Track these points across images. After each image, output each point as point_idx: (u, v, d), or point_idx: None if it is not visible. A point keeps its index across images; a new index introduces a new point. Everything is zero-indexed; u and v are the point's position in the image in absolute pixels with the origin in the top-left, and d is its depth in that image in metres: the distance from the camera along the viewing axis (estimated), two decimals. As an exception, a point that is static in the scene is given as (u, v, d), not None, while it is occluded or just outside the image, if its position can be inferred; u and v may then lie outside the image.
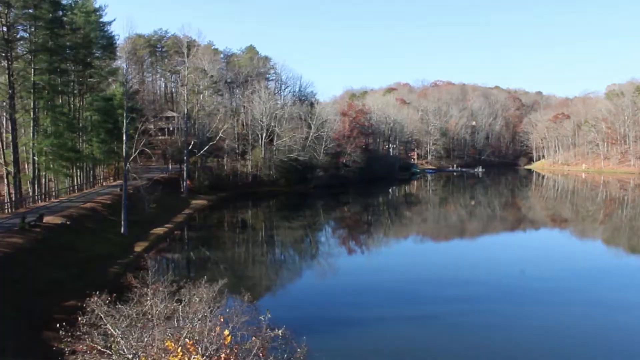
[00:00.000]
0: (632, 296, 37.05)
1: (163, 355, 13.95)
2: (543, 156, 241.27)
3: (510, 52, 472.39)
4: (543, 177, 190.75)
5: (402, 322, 30.80)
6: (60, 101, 65.71)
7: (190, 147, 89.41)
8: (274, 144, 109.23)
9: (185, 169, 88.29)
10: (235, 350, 14.76)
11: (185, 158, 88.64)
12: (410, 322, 30.85)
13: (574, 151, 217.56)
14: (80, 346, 15.29)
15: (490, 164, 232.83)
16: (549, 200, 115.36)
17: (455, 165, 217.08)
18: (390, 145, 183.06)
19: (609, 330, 29.39)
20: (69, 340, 15.50)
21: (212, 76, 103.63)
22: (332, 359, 19.37)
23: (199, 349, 14.14)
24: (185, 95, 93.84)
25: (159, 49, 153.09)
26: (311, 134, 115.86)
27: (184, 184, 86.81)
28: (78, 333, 15.55)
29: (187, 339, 14.24)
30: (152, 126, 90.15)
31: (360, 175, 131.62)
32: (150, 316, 16.33)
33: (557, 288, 39.28)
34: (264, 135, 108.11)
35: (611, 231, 73.35)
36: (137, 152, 54.37)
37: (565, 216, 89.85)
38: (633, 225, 77.09)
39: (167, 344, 14.07)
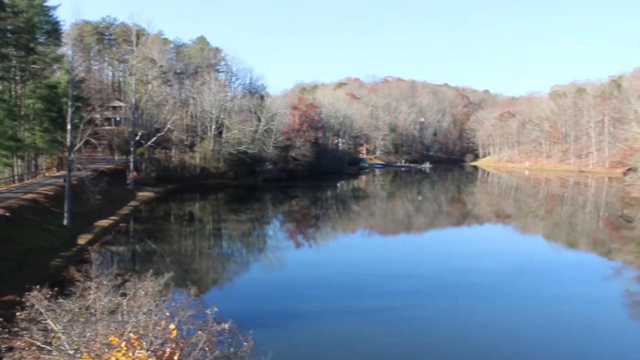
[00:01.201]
0: (570, 289, 38.33)
1: (106, 350, 13.74)
2: (489, 153, 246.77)
3: (459, 51, 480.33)
4: (488, 173, 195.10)
5: (349, 315, 31.06)
6: (1, 87, 63.49)
7: (137, 138, 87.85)
8: (223, 136, 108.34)
9: (132, 160, 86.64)
10: (181, 345, 14.67)
11: (132, 149, 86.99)
12: (357, 315, 31.14)
13: (518, 149, 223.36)
14: (18, 342, 14.85)
15: (437, 160, 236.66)
16: (493, 197, 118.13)
17: (403, 161, 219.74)
18: (340, 139, 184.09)
19: (547, 321, 30.27)
20: (5, 336, 15.02)
21: (161, 66, 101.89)
22: (279, 353, 19.33)
23: (144, 343, 13.98)
24: (134, 85, 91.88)
25: (106, 37, 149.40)
26: (261, 127, 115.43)
27: (131, 176, 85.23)
28: (16, 329, 15.04)
29: (131, 334, 14.05)
30: (98, 116, 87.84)
31: (309, 169, 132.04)
32: (93, 310, 16.00)
33: (499, 282, 40.29)
34: (213, 127, 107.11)
35: (551, 227, 75.68)
36: (82, 142, 53.07)
37: (509, 212, 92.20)
38: (572, 222, 79.80)
39: (110, 338, 13.87)
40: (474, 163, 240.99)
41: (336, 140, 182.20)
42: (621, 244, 62.11)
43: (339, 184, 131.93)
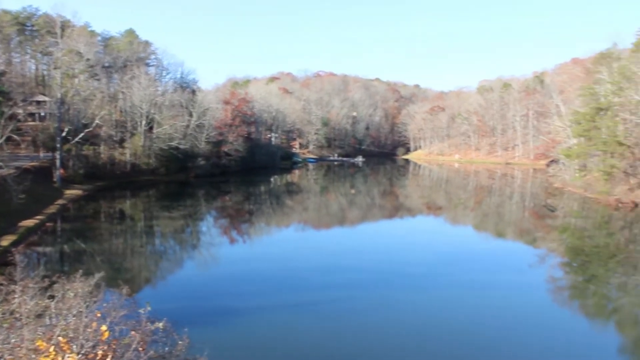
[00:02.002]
0: (499, 277, 39.88)
1: (33, 356, 13.36)
2: (420, 147, 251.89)
3: (390, 46, 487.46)
4: (419, 166, 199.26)
5: (285, 309, 31.23)
6: None
7: (64, 134, 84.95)
8: (154, 131, 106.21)
9: (58, 157, 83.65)
10: (114, 346, 14.42)
11: (58, 145, 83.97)
12: (293, 309, 31.36)
13: (448, 142, 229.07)
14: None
15: (370, 153, 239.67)
16: (424, 189, 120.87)
17: (336, 155, 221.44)
18: (273, 134, 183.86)
19: (478, 308, 31.38)
20: None
21: (88, 59, 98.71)
22: (215, 350, 19.32)
23: (74, 347, 13.67)
24: (59, 78, 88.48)
25: (28, 28, 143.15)
26: (193, 122, 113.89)
27: (57, 173, 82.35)
28: None
29: (60, 337, 13.70)
30: (21, 111, 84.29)
31: (242, 164, 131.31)
32: (18, 315, 15.48)
33: (431, 272, 41.45)
34: (144, 122, 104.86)
35: (480, 217, 78.31)
36: (4, 138, 51.15)
37: (440, 204, 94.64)
38: (499, 212, 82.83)
39: (38, 343, 13.50)
40: (406, 156, 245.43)
41: (269, 135, 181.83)
42: (545, 233, 64.96)
43: (272, 179, 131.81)
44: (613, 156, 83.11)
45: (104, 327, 14.23)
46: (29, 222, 54.32)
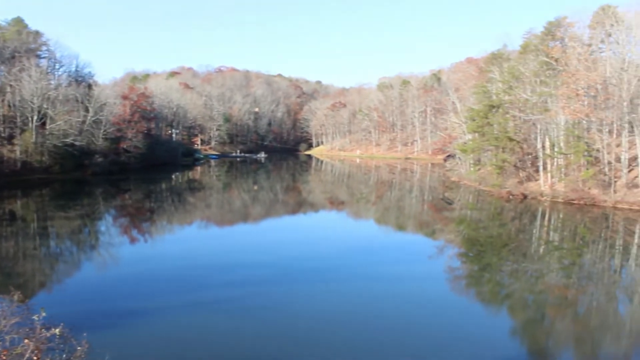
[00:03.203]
0: (400, 269, 41.09)
1: None
2: (322, 142, 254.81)
3: (292, 42, 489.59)
4: (321, 162, 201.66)
5: (189, 309, 30.66)
6: None
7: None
8: (47, 127, 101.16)
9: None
10: (4, 357, 13.72)
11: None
12: (198, 308, 30.83)
13: (349, 138, 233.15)
14: None
15: (272, 149, 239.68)
16: (327, 184, 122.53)
17: (238, 151, 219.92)
18: (174, 130, 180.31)
19: (381, 300, 32.17)
20: None
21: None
22: (117, 354, 18.80)
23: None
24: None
25: None
26: (89, 117, 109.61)
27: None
28: None
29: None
30: None
31: (142, 161, 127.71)
32: None
33: (335, 266, 42.03)
34: (35, 118, 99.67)
35: (382, 211, 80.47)
36: None
37: (342, 198, 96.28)
38: (400, 206, 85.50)
39: None
40: (308, 152, 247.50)
41: (170, 131, 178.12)
42: (443, 225, 67.70)
43: (173, 176, 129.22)
44: (504, 151, 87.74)
45: (-8, 338, 13.50)
46: None
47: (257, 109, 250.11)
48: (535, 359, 26.00)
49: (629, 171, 72.84)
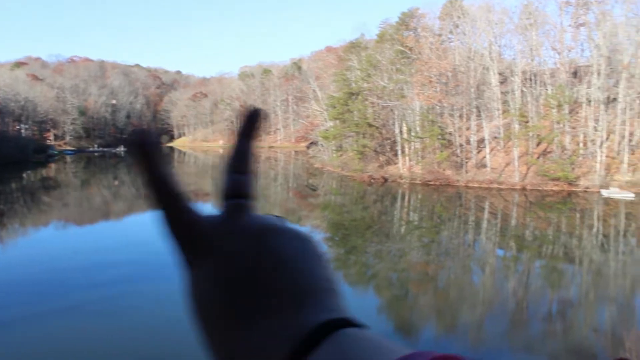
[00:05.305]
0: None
1: None
2: (184, 134, 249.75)
3: (149, 31, 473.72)
4: (184, 153, 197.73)
5: (49, 316, 29.00)
6: None
7: None
8: None
9: None
10: None
11: None
12: (59, 315, 29.27)
13: (212, 128, 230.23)
14: None
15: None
16: (191, 176, 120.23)
17: (96, 146, 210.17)
18: (22, 125, 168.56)
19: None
20: None
21: None
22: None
23: None
24: None
25: None
26: None
27: None
28: None
29: None
30: None
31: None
32: None
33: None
34: None
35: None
36: None
37: (207, 190, 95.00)
38: (265, 194, 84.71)
39: None
40: (170, 144, 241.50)
41: (18, 127, 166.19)
42: (308, 211, 68.84)
43: (25, 175, 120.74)
44: (365, 136, 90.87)
45: None
46: None
47: (114, 101, 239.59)
48: (401, 333, 27.30)
49: (478, 152, 78.31)
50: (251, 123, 0.81)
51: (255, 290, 0.59)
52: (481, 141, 77.91)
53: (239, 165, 0.82)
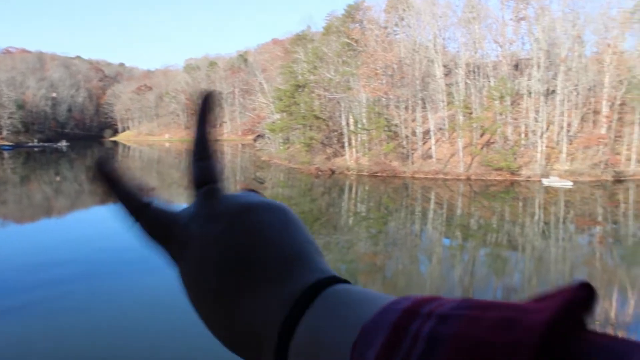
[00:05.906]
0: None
1: None
2: (128, 127, 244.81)
3: (91, 21, 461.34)
4: (129, 148, 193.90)
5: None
6: None
7: None
8: None
9: None
10: None
11: None
12: (5, 316, 28.38)
13: (157, 122, 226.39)
14: None
15: (74, 137, 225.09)
16: (136, 170, 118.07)
17: (36, 140, 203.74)
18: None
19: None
20: None
21: None
22: None
23: None
24: None
25: None
26: None
27: None
28: None
29: None
30: None
31: None
32: None
33: (145, 257, 40.87)
34: None
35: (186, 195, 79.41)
36: None
37: (153, 184, 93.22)
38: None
39: None
40: (114, 138, 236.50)
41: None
42: (256, 205, 68.49)
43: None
44: (311, 129, 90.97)
45: None
46: None
47: (54, 94, 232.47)
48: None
49: (424, 143, 79.48)
50: (206, 107, 0.83)
51: (243, 267, 0.62)
52: (427, 132, 79.08)
53: (202, 151, 0.85)
